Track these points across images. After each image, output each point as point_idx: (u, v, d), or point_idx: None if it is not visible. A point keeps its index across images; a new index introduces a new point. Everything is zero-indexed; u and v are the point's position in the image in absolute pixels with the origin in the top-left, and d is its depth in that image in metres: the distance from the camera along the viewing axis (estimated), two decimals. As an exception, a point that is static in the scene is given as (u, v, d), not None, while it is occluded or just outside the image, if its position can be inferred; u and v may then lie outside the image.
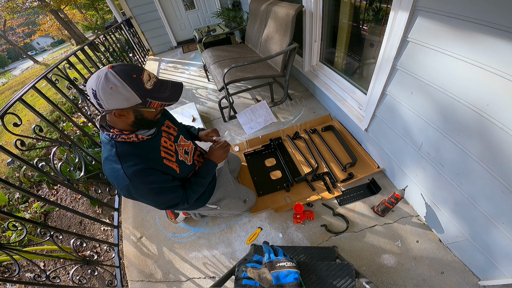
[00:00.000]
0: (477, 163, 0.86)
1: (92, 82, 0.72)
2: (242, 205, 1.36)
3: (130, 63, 0.78)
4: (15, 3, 12.69)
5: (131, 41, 4.03)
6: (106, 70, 0.72)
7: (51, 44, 32.55)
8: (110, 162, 0.83)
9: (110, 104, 0.74)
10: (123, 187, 0.83)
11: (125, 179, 0.81)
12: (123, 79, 0.72)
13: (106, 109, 0.75)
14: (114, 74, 0.72)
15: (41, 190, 2.59)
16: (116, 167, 0.82)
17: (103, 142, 0.87)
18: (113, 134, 0.83)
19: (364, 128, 1.54)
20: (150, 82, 0.78)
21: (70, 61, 1.73)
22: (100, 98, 0.72)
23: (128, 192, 0.85)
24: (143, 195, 0.88)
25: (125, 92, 0.73)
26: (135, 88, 0.74)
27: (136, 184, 0.83)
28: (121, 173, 0.81)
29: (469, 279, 1.07)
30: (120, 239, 1.57)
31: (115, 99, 0.73)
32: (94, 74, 0.74)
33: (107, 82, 0.71)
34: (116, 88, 0.72)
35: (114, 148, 0.84)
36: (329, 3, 1.79)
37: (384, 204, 1.27)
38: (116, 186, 0.84)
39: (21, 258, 1.03)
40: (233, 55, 2.49)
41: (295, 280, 0.75)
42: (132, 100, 0.75)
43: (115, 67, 0.73)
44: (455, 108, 0.88)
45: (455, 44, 0.80)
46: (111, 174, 0.83)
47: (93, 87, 0.72)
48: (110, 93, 0.72)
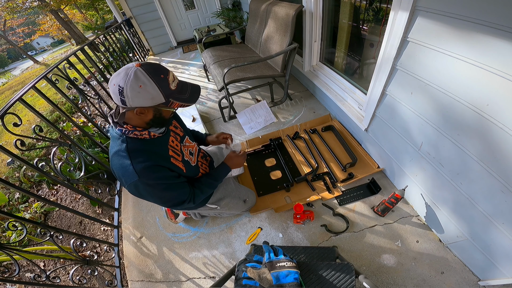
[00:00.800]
0: (477, 163, 0.86)
1: (119, 79, 0.71)
2: (242, 205, 1.36)
3: (156, 63, 0.78)
4: (15, 3, 12.69)
5: (131, 41, 4.03)
6: (135, 68, 0.72)
7: (51, 44, 32.56)
8: (120, 158, 0.83)
9: (135, 102, 0.74)
10: (131, 183, 0.83)
11: (134, 175, 0.81)
12: (152, 78, 0.73)
13: (129, 106, 0.76)
14: (143, 73, 0.72)
15: (41, 190, 2.59)
16: (125, 162, 0.82)
17: (113, 137, 0.88)
18: (125, 129, 0.84)
19: (364, 128, 1.54)
20: (174, 83, 0.80)
21: (70, 61, 1.73)
22: (126, 95, 0.72)
23: (136, 188, 0.86)
24: (151, 192, 0.89)
25: (152, 91, 0.74)
26: (162, 88, 0.75)
27: (144, 180, 0.83)
28: (130, 169, 0.81)
29: (469, 279, 1.07)
30: (120, 239, 1.57)
31: (142, 97, 0.74)
32: (120, 71, 0.73)
33: (137, 80, 0.71)
34: (144, 87, 0.72)
35: (125, 144, 0.84)
36: (329, 3, 1.79)
37: (384, 204, 1.27)
38: (124, 182, 0.85)
39: (21, 258, 1.03)
40: (233, 55, 2.49)
41: (295, 280, 0.75)
42: (157, 100, 0.76)
43: (144, 65, 0.74)
44: (455, 108, 0.88)
45: (455, 44, 0.80)
46: (120, 170, 0.84)
47: (120, 84, 0.71)
48: (138, 91, 0.72)
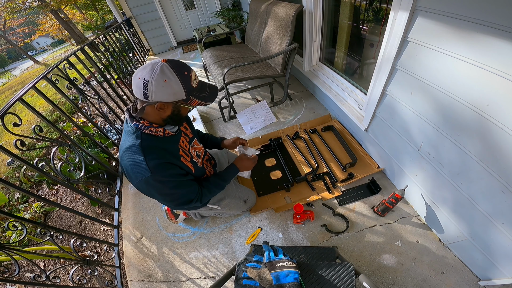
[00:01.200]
0: (477, 163, 0.86)
1: (145, 73, 0.73)
2: (243, 205, 1.36)
3: (180, 60, 0.80)
4: (15, 3, 12.69)
5: (131, 41, 4.03)
6: (161, 63, 0.74)
7: (51, 44, 32.56)
8: (132, 153, 0.84)
9: (158, 96, 0.76)
10: (142, 179, 0.83)
11: (147, 171, 0.82)
12: (177, 74, 0.75)
13: (151, 101, 0.77)
14: (169, 68, 0.74)
15: (41, 190, 2.59)
16: (138, 158, 0.83)
17: (127, 132, 0.88)
18: (142, 125, 0.84)
19: (364, 128, 1.54)
20: (196, 81, 0.82)
21: (70, 61, 1.73)
22: (150, 89, 0.74)
23: (147, 185, 0.86)
24: (161, 189, 0.90)
25: (176, 87, 0.76)
26: (184, 85, 0.77)
27: (156, 177, 0.84)
28: (143, 165, 0.82)
29: (469, 279, 1.07)
30: (120, 239, 1.57)
31: (165, 92, 0.75)
32: (146, 65, 0.75)
33: (163, 74, 0.73)
34: (169, 82, 0.74)
35: (139, 140, 0.85)
36: (329, 3, 1.79)
37: (384, 204, 1.27)
38: (134, 177, 0.85)
39: (21, 258, 1.03)
40: (233, 55, 2.49)
41: (295, 280, 0.75)
42: (179, 96, 0.78)
43: (170, 61, 0.76)
44: (455, 108, 0.88)
45: (455, 44, 0.80)
46: (131, 165, 0.84)
47: (146, 78, 0.73)
48: (163, 85, 0.74)
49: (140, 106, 0.82)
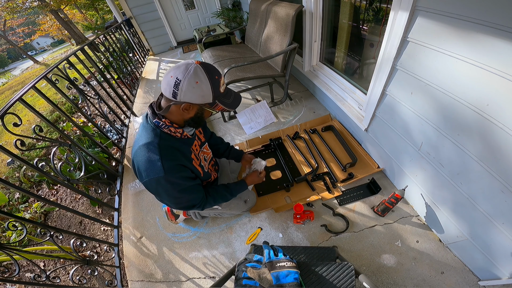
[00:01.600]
0: (477, 163, 0.86)
1: (179, 72, 0.75)
2: (243, 205, 1.36)
3: (212, 64, 0.83)
4: (15, 3, 12.68)
5: (131, 41, 4.03)
6: (195, 65, 0.76)
7: (51, 44, 32.56)
8: (148, 151, 0.84)
9: (187, 97, 0.77)
10: (153, 178, 0.84)
11: (160, 171, 0.83)
12: (208, 77, 0.77)
13: (178, 100, 0.78)
14: (202, 71, 0.76)
15: (41, 190, 2.59)
16: (154, 157, 0.83)
17: (145, 128, 0.88)
18: (163, 123, 0.85)
19: (364, 128, 1.54)
20: (223, 87, 0.84)
21: (70, 61, 1.73)
22: (180, 88, 0.75)
23: (157, 184, 0.86)
24: (169, 190, 0.90)
25: (206, 90, 0.78)
26: (214, 89, 0.79)
27: (168, 178, 0.85)
28: (158, 165, 0.83)
29: (469, 279, 1.07)
30: (120, 239, 1.57)
31: (195, 93, 0.77)
32: (180, 65, 0.76)
33: (195, 76, 0.75)
34: (200, 84, 0.76)
35: (158, 138, 0.85)
36: (329, 3, 1.79)
37: (384, 204, 1.27)
38: (145, 175, 0.85)
39: (21, 258, 1.03)
40: (233, 55, 2.49)
41: (295, 280, 0.75)
42: (206, 99, 0.80)
43: (203, 64, 0.77)
44: (455, 108, 0.88)
45: (455, 44, 0.80)
46: (145, 163, 0.84)
47: (179, 77, 0.74)
48: (194, 86, 0.76)
49: (166, 105, 0.83)
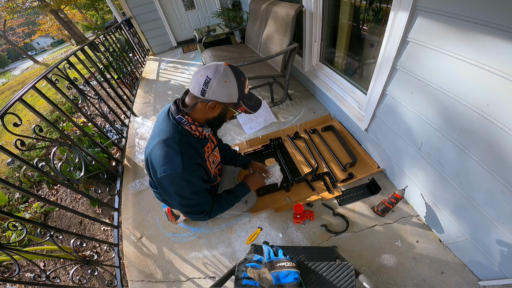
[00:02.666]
0: (477, 163, 0.86)
1: (209, 71, 0.79)
2: (243, 205, 1.36)
3: (238, 67, 0.86)
4: (15, 3, 12.68)
5: (131, 41, 4.03)
6: (224, 66, 0.80)
7: (51, 44, 32.57)
8: (167, 147, 0.85)
9: (214, 95, 0.81)
10: (170, 173, 0.84)
11: (179, 167, 0.84)
12: (236, 78, 0.81)
13: (206, 98, 0.81)
14: (231, 72, 0.80)
15: (41, 190, 2.59)
16: (172, 153, 0.84)
17: (166, 123, 0.89)
18: (185, 120, 0.88)
19: (364, 128, 1.54)
20: (247, 89, 0.88)
21: (70, 61, 1.73)
22: (210, 87, 0.79)
23: (172, 180, 0.87)
24: (183, 188, 0.90)
25: (233, 89, 0.81)
26: (240, 90, 0.83)
27: (184, 175, 0.86)
28: (177, 160, 0.84)
29: (469, 279, 1.07)
30: (120, 239, 1.57)
31: (222, 92, 0.81)
32: (211, 65, 0.81)
33: (225, 75, 0.79)
34: (229, 84, 0.80)
35: (179, 135, 0.87)
36: (329, 3, 1.79)
37: (384, 204, 1.27)
38: (161, 170, 0.85)
39: (21, 258, 1.03)
40: (233, 55, 2.49)
41: (295, 280, 0.75)
42: (232, 98, 0.83)
43: (231, 66, 0.82)
44: (455, 108, 0.88)
45: (455, 44, 0.80)
46: (163, 158, 0.85)
47: (209, 76, 0.79)
48: (222, 85, 0.80)
49: (191, 102, 0.86)
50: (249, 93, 0.90)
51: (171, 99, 2.96)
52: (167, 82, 3.42)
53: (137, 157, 2.03)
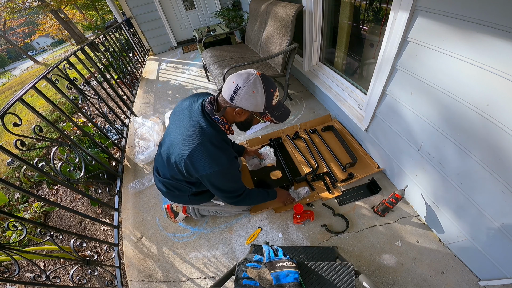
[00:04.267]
0: (477, 163, 0.86)
1: (240, 79, 0.83)
2: (243, 204, 1.37)
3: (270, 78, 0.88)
4: (15, 3, 12.67)
5: (131, 41, 4.03)
6: (256, 76, 0.84)
7: (51, 44, 32.55)
8: (212, 146, 0.90)
9: (242, 103, 0.85)
10: (218, 170, 0.90)
11: (226, 163, 0.91)
12: (264, 89, 0.84)
13: (234, 104, 0.87)
14: (261, 82, 0.83)
15: (41, 190, 2.59)
16: (217, 151, 0.90)
17: (204, 122, 0.93)
18: (222, 120, 0.94)
19: (364, 128, 1.54)
20: (276, 100, 0.91)
21: (70, 61, 1.73)
22: (238, 94, 0.84)
23: (221, 175, 0.95)
24: (230, 179, 1.00)
25: (259, 100, 0.85)
26: (267, 100, 0.86)
27: (229, 169, 0.94)
28: (223, 158, 0.90)
29: (469, 279, 1.07)
30: (120, 239, 1.57)
31: (249, 101, 0.85)
32: (243, 73, 0.85)
33: (254, 86, 0.83)
34: (256, 94, 0.84)
35: (219, 134, 0.94)
36: (329, 3, 1.79)
37: (384, 204, 1.27)
38: (207, 167, 0.90)
39: (21, 258, 1.03)
40: (233, 55, 2.49)
41: (295, 280, 0.75)
42: (258, 108, 0.87)
43: (263, 76, 0.85)
44: (455, 108, 0.88)
45: (455, 44, 0.80)
46: (209, 157, 0.89)
47: (239, 84, 0.83)
48: (250, 95, 0.84)
49: (222, 106, 0.91)
50: (277, 104, 0.93)
51: (171, 99, 2.96)
52: (167, 82, 3.41)
53: (137, 157, 2.03)
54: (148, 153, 2.01)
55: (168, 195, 1.22)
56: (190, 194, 1.19)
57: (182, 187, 1.13)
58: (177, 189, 1.16)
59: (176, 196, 1.21)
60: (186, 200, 1.23)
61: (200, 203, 1.29)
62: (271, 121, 0.95)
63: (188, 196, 1.19)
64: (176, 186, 1.13)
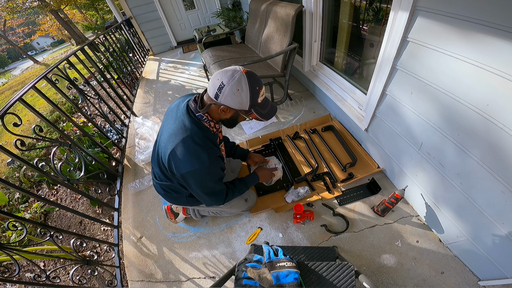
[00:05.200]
0: (477, 163, 0.86)
1: (225, 77, 0.81)
2: (244, 203, 1.37)
3: (256, 75, 0.88)
4: (15, 3, 12.68)
5: (131, 41, 4.02)
6: (241, 73, 0.81)
7: (51, 44, 32.55)
8: (193, 143, 0.89)
9: (226, 101, 0.83)
10: (198, 168, 0.89)
11: (206, 161, 0.89)
12: (250, 87, 0.82)
13: (218, 102, 0.84)
14: (246, 80, 0.81)
15: (41, 190, 2.59)
16: (199, 149, 0.89)
17: (186, 119, 0.92)
18: (206, 118, 0.92)
19: (364, 128, 1.54)
20: (261, 98, 0.89)
21: (70, 61, 1.73)
22: (223, 92, 0.82)
23: (199, 174, 0.92)
24: (208, 180, 0.97)
25: (244, 98, 0.83)
26: (252, 98, 0.84)
27: (210, 168, 0.92)
28: (204, 156, 0.89)
29: (469, 279, 1.07)
30: (120, 239, 1.57)
31: (234, 99, 0.83)
32: (228, 70, 0.82)
33: (239, 83, 0.81)
34: (241, 92, 0.82)
35: (201, 131, 0.92)
36: (329, 3, 1.79)
37: (384, 204, 1.27)
38: (187, 165, 0.89)
39: (21, 258, 1.03)
40: (233, 55, 2.49)
41: (295, 280, 0.75)
42: (243, 106, 0.86)
43: (248, 74, 0.83)
44: (455, 108, 0.88)
45: (455, 44, 0.80)
46: (189, 154, 0.88)
47: (224, 81, 0.81)
48: (234, 93, 0.82)
49: (207, 103, 0.90)
50: (263, 101, 0.91)
51: (171, 99, 2.96)
52: (167, 82, 3.41)
53: (137, 157, 2.03)
54: (148, 153, 2.01)
55: (166, 197, 1.22)
56: (188, 196, 1.18)
57: (178, 188, 1.13)
58: (174, 190, 1.16)
59: (174, 197, 1.21)
60: (184, 202, 1.23)
61: (198, 204, 1.28)
62: (256, 119, 0.93)
63: (186, 198, 1.19)
64: (172, 187, 1.13)
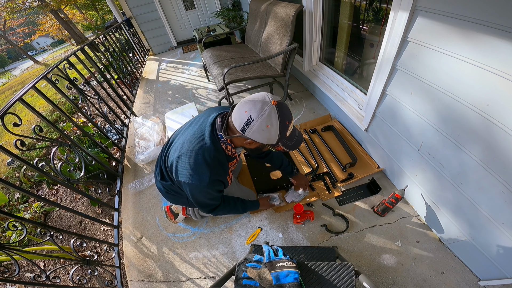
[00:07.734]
0: (477, 163, 0.86)
1: (254, 110, 0.74)
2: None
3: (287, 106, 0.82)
4: (15, 3, 12.69)
5: (131, 41, 4.02)
6: (271, 106, 0.74)
7: (51, 44, 32.55)
8: (201, 159, 0.87)
9: (253, 135, 0.78)
10: (195, 184, 0.89)
11: (205, 181, 0.87)
12: (280, 123, 0.76)
13: (245, 136, 0.79)
14: (276, 114, 0.75)
15: (41, 190, 2.59)
16: (204, 167, 0.87)
17: (207, 133, 0.90)
18: (225, 140, 0.89)
19: (364, 128, 1.54)
20: (290, 131, 0.83)
21: (70, 61, 1.73)
22: (251, 127, 0.76)
23: (195, 189, 0.93)
24: (202, 196, 0.99)
25: (273, 134, 0.78)
26: (281, 134, 0.79)
27: (207, 189, 0.92)
28: (205, 176, 0.87)
29: (469, 279, 1.07)
30: (120, 239, 1.57)
31: (262, 135, 0.78)
32: (257, 101, 0.75)
33: (268, 119, 0.74)
34: (270, 128, 0.76)
35: (215, 151, 0.89)
36: (329, 3, 1.79)
37: (384, 204, 1.27)
38: (186, 177, 0.89)
39: (21, 258, 1.03)
40: (233, 55, 2.49)
41: (295, 280, 0.75)
42: (271, 141, 0.81)
43: (279, 106, 0.76)
44: (455, 108, 0.88)
45: (455, 44, 0.80)
46: (192, 167, 0.87)
47: (252, 115, 0.74)
48: (263, 129, 0.76)
49: (232, 132, 0.85)
50: (291, 133, 0.86)
51: (171, 99, 2.96)
52: (167, 82, 3.41)
53: (137, 157, 2.03)
54: (148, 153, 2.01)
55: (167, 196, 1.22)
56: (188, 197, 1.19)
57: (178, 189, 1.13)
58: (174, 191, 1.16)
59: (174, 197, 1.21)
60: (185, 202, 1.23)
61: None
62: (282, 150, 0.90)
63: (187, 198, 1.19)
64: (173, 188, 1.14)
